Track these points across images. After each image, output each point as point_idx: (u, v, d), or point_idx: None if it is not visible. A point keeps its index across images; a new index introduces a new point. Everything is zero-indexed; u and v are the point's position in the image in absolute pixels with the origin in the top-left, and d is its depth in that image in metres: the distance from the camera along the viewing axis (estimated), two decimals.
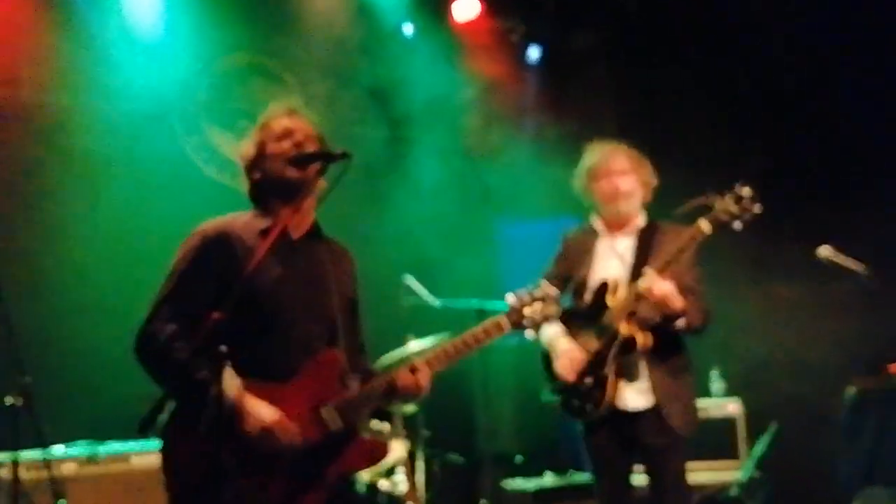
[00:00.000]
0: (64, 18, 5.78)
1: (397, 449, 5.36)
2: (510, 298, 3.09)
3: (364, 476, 5.26)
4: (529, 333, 3.13)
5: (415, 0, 6.89)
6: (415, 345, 5.38)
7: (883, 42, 6.06)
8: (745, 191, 3.80)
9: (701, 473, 5.62)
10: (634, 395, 4.01)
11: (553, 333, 4.16)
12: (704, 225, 3.83)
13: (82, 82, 5.84)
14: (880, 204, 5.80)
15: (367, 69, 6.84)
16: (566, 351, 4.08)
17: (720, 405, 6.05)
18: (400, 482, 5.38)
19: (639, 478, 4.26)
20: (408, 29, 7.03)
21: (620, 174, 4.14)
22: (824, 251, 4.58)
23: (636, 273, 3.97)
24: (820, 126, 6.28)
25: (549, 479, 6.06)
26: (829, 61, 6.21)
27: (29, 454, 4.41)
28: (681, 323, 3.92)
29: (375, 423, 3.92)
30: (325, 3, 6.72)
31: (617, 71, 7.55)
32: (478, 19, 7.10)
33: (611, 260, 4.17)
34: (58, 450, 4.61)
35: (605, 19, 7.42)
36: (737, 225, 3.81)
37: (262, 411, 2.76)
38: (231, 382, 2.68)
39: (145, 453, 4.73)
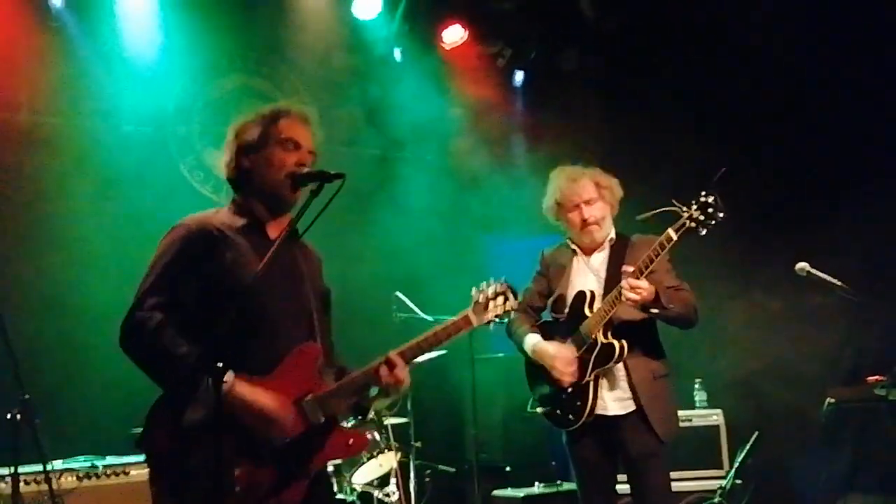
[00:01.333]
0: (62, 43, 5.94)
1: (389, 459, 5.48)
2: (474, 293, 3.15)
3: (357, 486, 5.39)
4: (491, 327, 3.17)
5: (404, 26, 7.04)
6: None
7: (868, 58, 6.19)
8: (711, 199, 3.86)
9: (684, 482, 5.72)
10: (614, 402, 4.09)
11: (536, 341, 4.23)
12: (672, 232, 3.89)
13: (80, 105, 5.98)
14: (860, 219, 5.90)
15: (358, 92, 7.01)
16: (558, 355, 4.12)
17: (703, 415, 6.16)
18: (392, 492, 5.50)
19: (623, 486, 4.28)
20: (397, 54, 7.17)
21: (588, 203, 4.22)
22: (802, 267, 4.70)
23: (611, 285, 4.06)
24: (801, 142, 6.39)
25: (538, 489, 6.14)
26: (810, 79, 6.34)
27: (29, 468, 4.47)
28: (654, 309, 3.94)
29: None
30: (317, 28, 6.88)
31: (601, 93, 7.67)
32: (465, 45, 7.25)
33: (587, 276, 4.26)
34: (57, 463, 4.66)
35: (589, 43, 7.57)
36: (702, 231, 3.87)
37: (260, 398, 2.80)
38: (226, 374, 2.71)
39: (143, 466, 4.80)
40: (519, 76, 7.82)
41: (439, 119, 7.06)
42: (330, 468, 5.27)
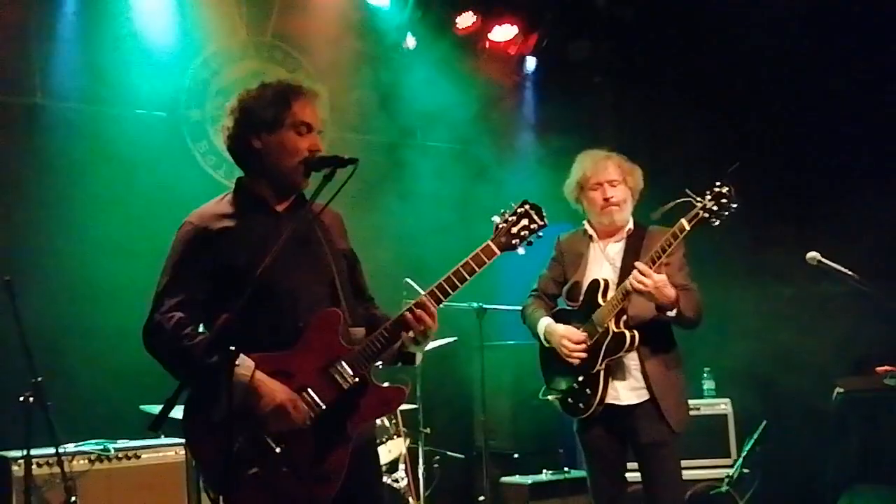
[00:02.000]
0: (75, 26, 5.91)
1: (398, 445, 5.50)
2: (496, 220, 3.12)
3: None
4: (520, 251, 3.15)
5: (417, 12, 7.01)
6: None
7: (877, 51, 6.16)
8: (725, 189, 3.84)
9: (692, 470, 5.71)
10: (627, 391, 4.09)
11: (549, 323, 4.25)
12: (685, 222, 3.89)
13: (93, 89, 5.96)
14: (871, 208, 5.86)
15: (370, 78, 6.99)
16: (567, 334, 4.14)
17: (711, 404, 6.17)
18: (401, 478, 5.52)
19: (633, 474, 4.31)
20: (410, 40, 7.14)
21: (611, 185, 4.22)
22: (813, 257, 4.69)
23: (626, 275, 4.03)
24: (812, 131, 6.36)
25: (545, 476, 6.16)
26: (825, 69, 6.29)
27: (41, 451, 4.53)
28: (672, 312, 3.96)
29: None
30: (329, 14, 6.86)
31: (615, 80, 7.65)
32: (477, 31, 7.22)
33: (602, 264, 4.26)
34: (69, 446, 4.71)
35: (602, 31, 7.54)
36: (716, 222, 3.86)
37: (274, 390, 2.82)
38: (244, 364, 2.77)
39: (155, 449, 4.90)
40: (531, 63, 7.78)
41: (450, 106, 7.03)
42: None
